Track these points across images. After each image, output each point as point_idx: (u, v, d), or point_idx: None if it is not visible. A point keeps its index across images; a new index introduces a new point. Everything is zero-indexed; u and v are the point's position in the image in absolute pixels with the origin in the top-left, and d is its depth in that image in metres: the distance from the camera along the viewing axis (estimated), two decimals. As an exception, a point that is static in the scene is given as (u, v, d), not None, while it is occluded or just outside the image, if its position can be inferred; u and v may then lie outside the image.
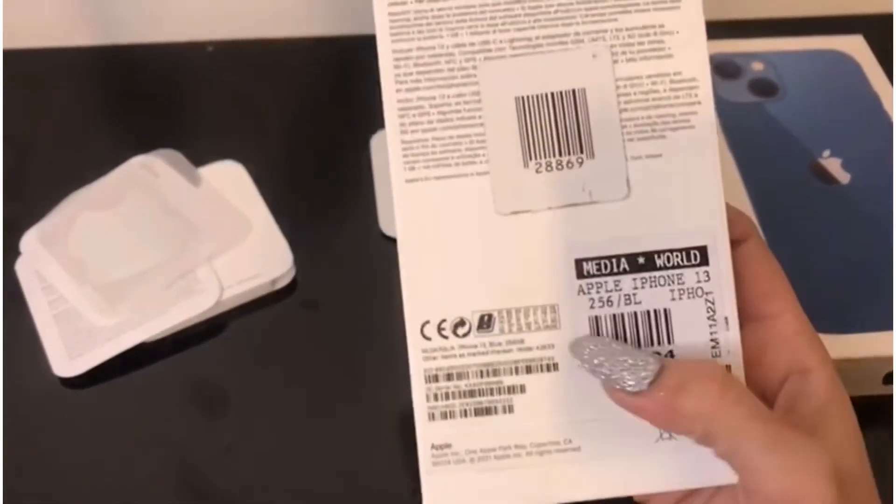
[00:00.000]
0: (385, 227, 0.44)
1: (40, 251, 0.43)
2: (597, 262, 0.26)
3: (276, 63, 0.54)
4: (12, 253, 0.43)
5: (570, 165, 0.26)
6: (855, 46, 0.48)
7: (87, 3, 0.55)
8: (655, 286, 0.26)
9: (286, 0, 0.56)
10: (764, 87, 0.46)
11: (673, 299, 0.26)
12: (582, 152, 0.26)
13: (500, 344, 0.26)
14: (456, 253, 0.26)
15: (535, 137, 0.26)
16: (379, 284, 0.43)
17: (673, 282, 0.26)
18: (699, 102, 0.26)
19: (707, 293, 0.26)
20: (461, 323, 0.26)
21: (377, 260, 0.44)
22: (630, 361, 0.24)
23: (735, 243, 0.26)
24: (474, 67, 0.26)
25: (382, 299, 0.42)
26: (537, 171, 0.26)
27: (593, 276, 0.26)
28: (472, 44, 0.26)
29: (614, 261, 0.26)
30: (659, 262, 0.26)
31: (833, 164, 0.42)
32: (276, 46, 0.55)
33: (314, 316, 0.42)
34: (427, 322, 0.26)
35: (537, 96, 0.26)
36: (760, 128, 0.44)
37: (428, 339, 0.26)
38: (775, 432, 0.23)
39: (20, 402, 0.39)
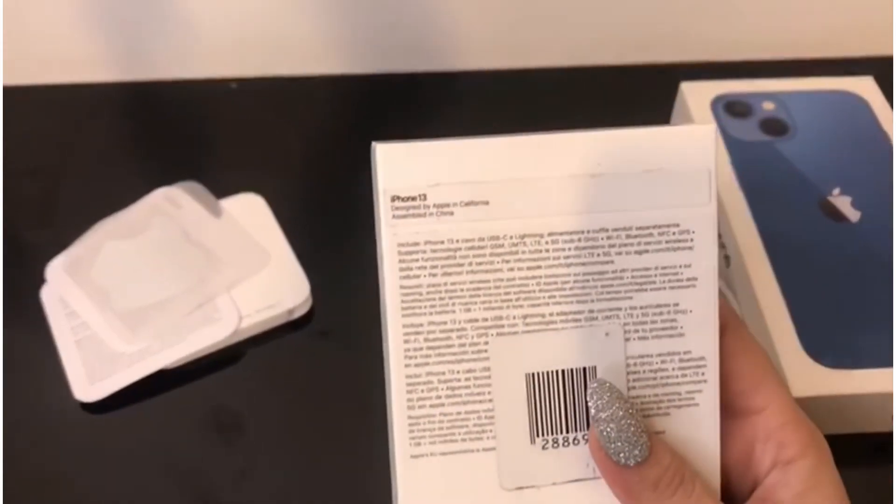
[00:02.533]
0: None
1: (65, 279, 0.44)
2: None
3: (295, 99, 0.55)
4: (38, 280, 0.44)
5: (576, 442, 0.26)
6: (865, 87, 0.48)
7: (116, 41, 0.57)
8: None
9: (306, 40, 0.57)
10: (775, 126, 0.47)
11: None
12: (588, 429, 0.26)
13: None
14: None
15: (544, 414, 0.26)
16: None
17: None
18: (705, 381, 0.26)
19: None
20: None
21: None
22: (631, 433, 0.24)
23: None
24: (486, 343, 0.25)
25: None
26: (543, 448, 0.26)
27: None
28: (486, 319, 0.25)
29: None
30: None
31: (843, 203, 0.43)
32: (295, 84, 0.57)
33: (330, 345, 0.43)
34: None
35: (548, 373, 0.25)
36: (771, 166, 0.45)
37: None
38: None
39: (41, 425, 0.40)
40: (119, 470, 0.38)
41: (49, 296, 0.44)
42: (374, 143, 0.25)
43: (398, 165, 0.25)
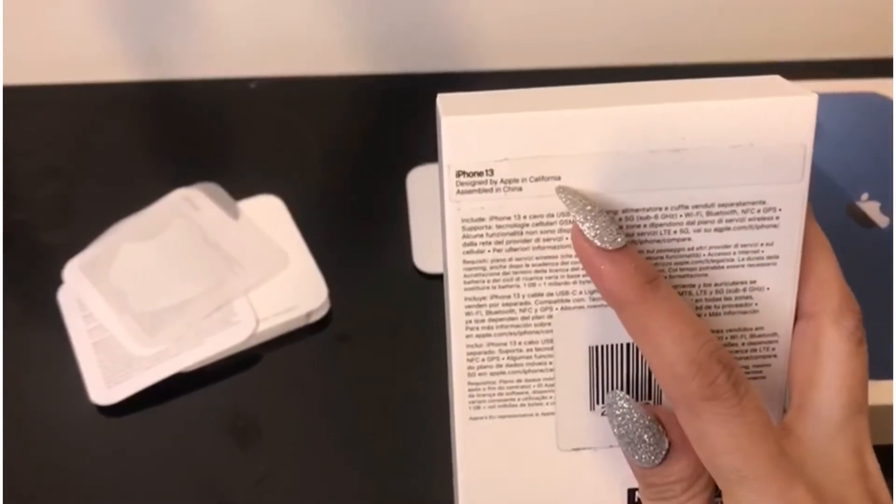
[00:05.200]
0: (419, 262, 0.45)
1: (82, 280, 0.44)
2: None
3: (315, 100, 0.55)
4: (55, 281, 0.44)
5: None
6: (893, 89, 0.47)
7: (136, 41, 0.57)
8: None
9: (325, 40, 0.57)
10: (801, 130, 0.46)
11: None
12: (650, 399, 0.26)
13: None
14: (515, 484, 0.27)
15: (606, 385, 0.26)
16: (411, 319, 0.43)
17: None
18: (775, 356, 0.26)
19: None
20: None
21: (411, 295, 0.44)
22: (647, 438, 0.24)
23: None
24: (550, 317, 0.25)
25: (414, 333, 0.42)
26: (602, 414, 0.26)
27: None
28: (551, 294, 0.25)
29: None
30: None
31: (871, 208, 0.42)
32: (315, 84, 0.56)
33: (347, 349, 0.42)
34: None
35: (611, 346, 0.25)
36: (797, 170, 0.44)
37: None
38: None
39: (57, 428, 0.40)
40: (135, 473, 0.38)
41: (66, 297, 0.44)
42: (438, 101, 0.24)
43: (465, 139, 0.23)
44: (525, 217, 0.24)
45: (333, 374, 0.42)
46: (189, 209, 0.46)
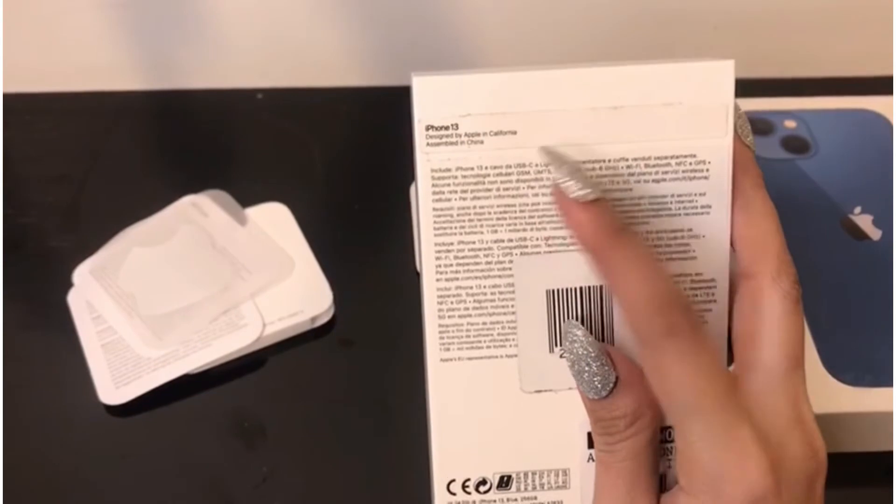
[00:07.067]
0: (421, 268, 0.45)
1: (92, 283, 0.45)
2: None
3: (321, 110, 0.56)
4: (65, 284, 0.45)
5: None
6: (887, 106, 0.48)
7: (144, 50, 0.58)
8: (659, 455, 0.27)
9: (331, 52, 0.58)
10: (796, 145, 0.47)
11: (670, 467, 0.28)
12: (605, 340, 0.28)
13: (515, 500, 0.29)
14: (482, 423, 0.28)
15: (562, 326, 0.28)
16: (414, 324, 0.44)
17: (670, 452, 0.28)
18: (715, 301, 0.27)
19: None
20: (483, 482, 0.29)
21: (413, 300, 0.45)
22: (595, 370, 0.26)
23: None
24: (510, 262, 0.27)
25: (416, 338, 0.43)
26: (561, 356, 0.28)
27: None
28: (511, 240, 0.27)
29: None
30: (661, 435, 0.27)
31: (864, 221, 0.43)
32: (321, 95, 0.57)
33: (351, 353, 0.43)
34: (453, 480, 0.29)
35: (566, 290, 0.27)
36: (792, 184, 0.45)
37: (453, 494, 0.29)
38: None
39: (66, 427, 0.40)
40: (142, 473, 0.39)
41: (76, 299, 0.44)
42: (412, 75, 0.26)
43: (432, 97, 0.26)
44: (486, 168, 0.26)
45: (337, 378, 0.42)
46: (197, 215, 0.47)
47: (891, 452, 0.37)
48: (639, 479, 0.26)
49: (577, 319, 0.27)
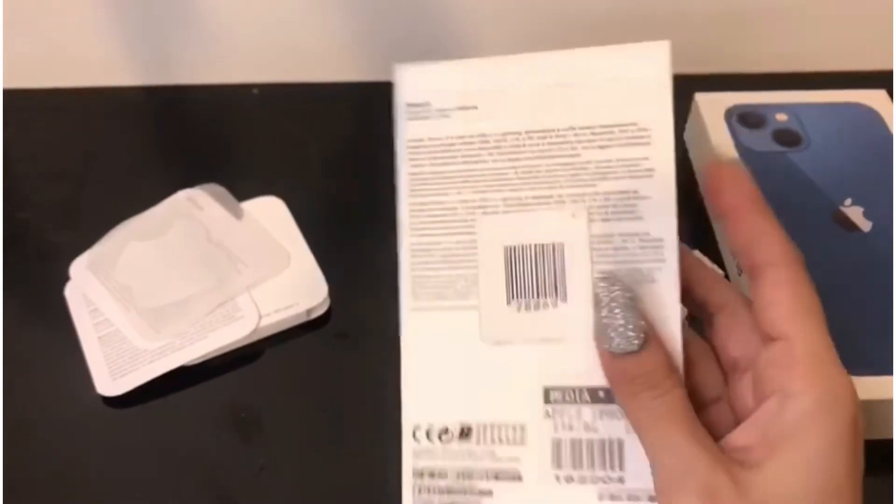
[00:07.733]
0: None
1: (89, 277, 0.45)
2: (562, 391, 0.29)
3: (316, 105, 0.56)
4: (62, 278, 0.45)
5: (545, 307, 0.29)
6: (878, 100, 0.49)
7: (141, 46, 0.58)
8: (613, 418, 0.28)
9: (327, 47, 0.58)
10: (787, 137, 0.47)
11: (627, 431, 0.28)
12: (556, 296, 0.29)
13: (475, 452, 0.29)
14: (447, 372, 0.30)
15: (518, 281, 0.29)
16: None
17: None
18: (663, 260, 0.29)
19: None
20: (445, 431, 0.30)
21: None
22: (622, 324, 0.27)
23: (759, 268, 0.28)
24: (473, 220, 0.30)
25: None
26: (518, 310, 0.29)
27: (558, 402, 0.29)
28: (474, 200, 0.30)
29: (577, 392, 0.29)
30: None
31: (855, 213, 0.43)
32: (316, 90, 0.58)
33: (346, 346, 0.43)
34: (418, 427, 0.30)
35: (522, 246, 0.29)
36: (784, 176, 0.45)
37: (417, 441, 0.30)
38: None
39: (63, 419, 0.41)
40: (139, 464, 0.39)
41: (73, 293, 0.45)
42: (395, 65, 0.31)
43: (411, 80, 0.30)
44: (452, 137, 0.30)
45: (332, 370, 0.43)
46: (193, 209, 0.47)
47: (889, 441, 0.38)
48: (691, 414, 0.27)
49: (532, 274, 0.29)
